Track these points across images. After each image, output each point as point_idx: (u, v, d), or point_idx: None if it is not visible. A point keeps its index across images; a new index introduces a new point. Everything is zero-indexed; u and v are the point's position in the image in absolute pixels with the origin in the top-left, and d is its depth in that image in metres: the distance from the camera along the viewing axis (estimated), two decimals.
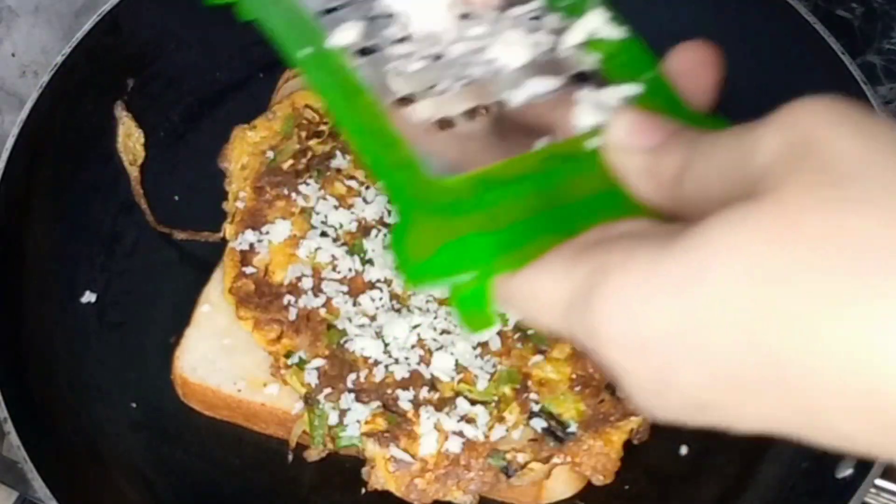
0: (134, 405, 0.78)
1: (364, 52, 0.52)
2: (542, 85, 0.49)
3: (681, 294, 0.33)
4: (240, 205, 0.79)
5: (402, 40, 0.52)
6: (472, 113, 0.50)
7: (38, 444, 0.68)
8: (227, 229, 0.79)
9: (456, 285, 0.42)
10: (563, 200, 0.43)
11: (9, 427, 0.68)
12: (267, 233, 0.77)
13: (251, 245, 0.77)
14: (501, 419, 0.71)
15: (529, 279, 0.39)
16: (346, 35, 0.52)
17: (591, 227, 0.40)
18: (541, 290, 0.38)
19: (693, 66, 0.46)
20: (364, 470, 0.71)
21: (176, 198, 0.85)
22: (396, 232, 0.43)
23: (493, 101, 0.49)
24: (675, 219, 0.38)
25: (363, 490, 0.72)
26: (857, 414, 0.31)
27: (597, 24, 0.50)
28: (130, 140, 0.84)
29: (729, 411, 0.34)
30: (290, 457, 0.74)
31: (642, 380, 0.35)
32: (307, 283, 0.75)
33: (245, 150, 0.81)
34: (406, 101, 0.50)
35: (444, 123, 0.49)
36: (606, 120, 0.44)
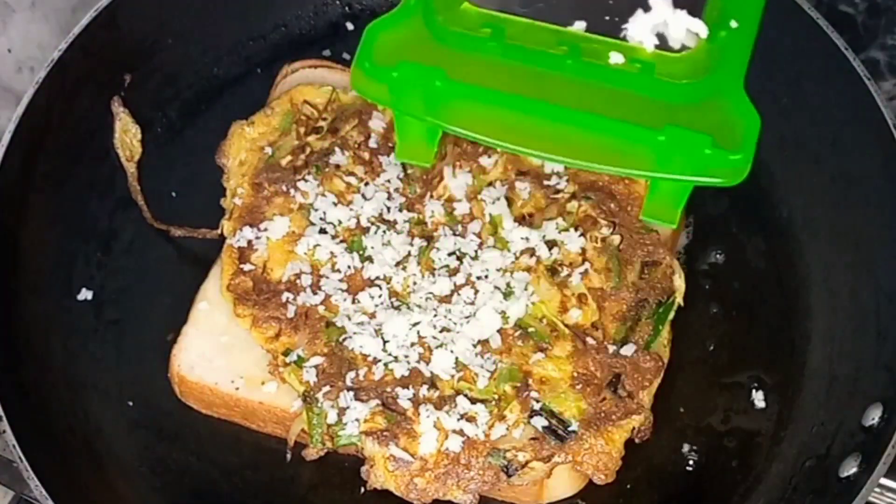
0: (131, 403, 0.78)
1: None
2: None
3: None
4: (238, 201, 0.79)
5: None
6: None
7: (34, 443, 0.68)
8: (225, 226, 0.78)
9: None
10: (544, 94, 0.41)
11: (4, 425, 0.67)
12: (265, 229, 0.77)
13: (249, 242, 0.77)
14: (502, 418, 0.70)
15: None
16: None
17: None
18: None
19: None
20: (363, 469, 0.71)
21: (173, 194, 0.85)
22: (380, 22, 0.42)
23: None
24: None
25: (362, 489, 0.72)
26: None
27: None
28: (127, 136, 0.83)
29: None
30: (289, 455, 0.74)
31: None
32: (306, 280, 0.75)
33: (243, 146, 0.81)
34: None
35: None
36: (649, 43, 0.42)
